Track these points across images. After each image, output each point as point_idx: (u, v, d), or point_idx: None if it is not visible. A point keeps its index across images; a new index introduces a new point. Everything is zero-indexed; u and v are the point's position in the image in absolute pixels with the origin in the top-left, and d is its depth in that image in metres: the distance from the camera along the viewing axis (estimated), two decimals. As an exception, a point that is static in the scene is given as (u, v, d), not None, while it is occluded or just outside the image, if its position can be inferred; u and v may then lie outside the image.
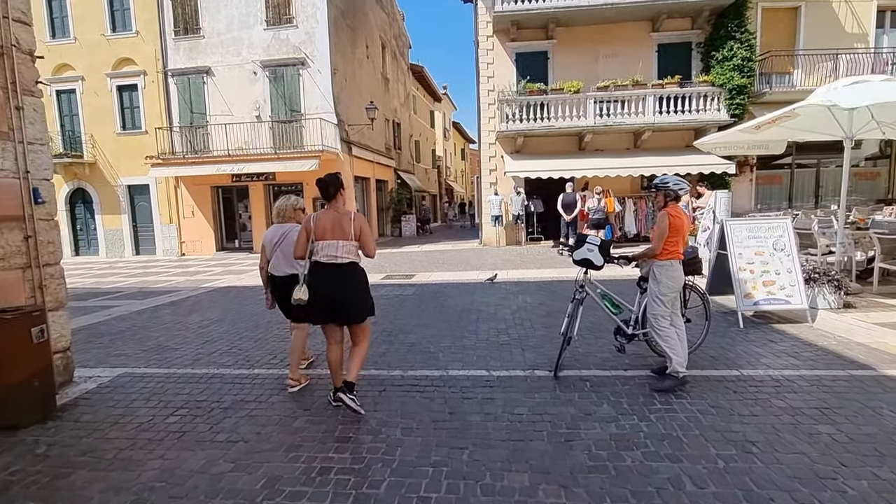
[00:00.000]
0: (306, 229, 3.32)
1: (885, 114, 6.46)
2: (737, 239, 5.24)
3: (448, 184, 38.36)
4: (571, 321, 3.97)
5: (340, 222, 3.30)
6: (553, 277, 8.71)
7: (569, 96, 13.16)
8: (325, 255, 3.28)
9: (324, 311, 3.29)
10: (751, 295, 5.09)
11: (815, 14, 13.60)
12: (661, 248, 3.54)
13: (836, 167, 14.68)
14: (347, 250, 3.29)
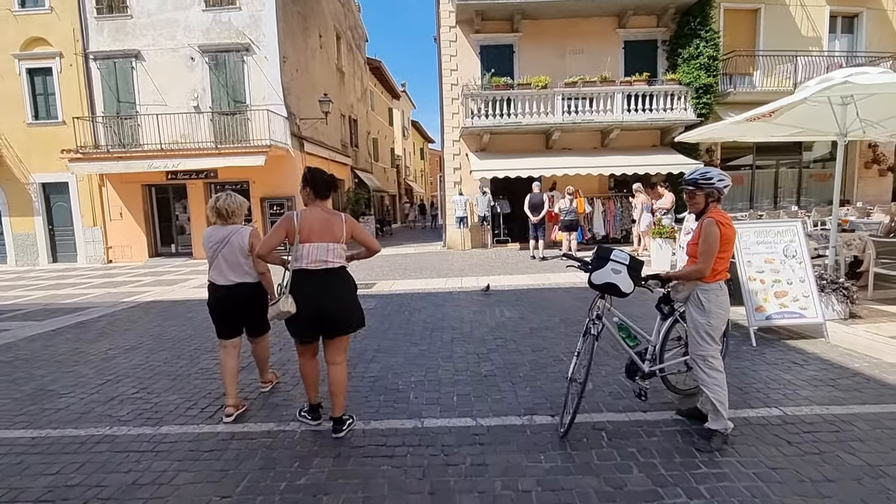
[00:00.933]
0: (287, 228, 2.88)
1: (872, 111, 6.13)
2: (744, 244, 4.63)
3: (408, 184, 37.34)
4: (585, 364, 2.94)
5: (331, 223, 2.94)
6: (528, 285, 7.96)
7: (536, 92, 12.54)
8: (314, 261, 2.89)
9: (312, 326, 2.93)
10: (762, 308, 4.49)
11: (773, 17, 13.67)
12: (710, 267, 2.73)
13: (792, 168, 14.91)
14: (338, 254, 2.96)
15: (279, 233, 2.89)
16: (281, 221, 2.92)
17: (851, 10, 13.94)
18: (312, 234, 2.88)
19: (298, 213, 2.90)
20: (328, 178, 3.07)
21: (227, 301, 3.37)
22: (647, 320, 3.66)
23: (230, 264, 3.36)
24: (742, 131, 7.42)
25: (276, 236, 2.89)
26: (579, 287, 7.60)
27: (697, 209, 2.84)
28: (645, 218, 10.54)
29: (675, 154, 13.04)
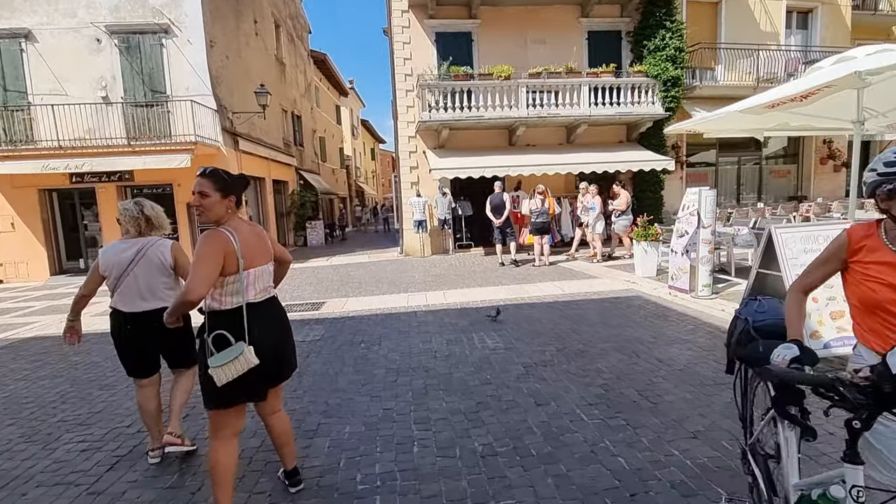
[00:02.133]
0: (227, 252, 2.11)
1: (878, 100, 5.49)
2: (790, 253, 3.71)
3: (359, 185, 35.61)
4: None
5: (262, 238, 2.36)
6: (505, 300, 6.84)
7: (498, 83, 11.52)
8: (261, 289, 2.30)
9: (267, 379, 2.29)
10: (818, 334, 3.57)
11: (733, 10, 13.40)
12: None
13: (754, 165, 14.78)
14: (271, 277, 2.40)
15: (216, 259, 2.09)
16: (212, 245, 2.10)
17: (807, 6, 13.93)
18: (255, 256, 2.26)
19: (231, 231, 2.17)
20: (244, 179, 2.38)
21: (139, 333, 2.82)
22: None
23: (145, 286, 2.81)
24: (740, 123, 6.66)
25: (213, 265, 2.08)
26: (564, 302, 6.57)
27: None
28: (599, 220, 9.78)
29: (642, 150, 12.44)
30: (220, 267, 2.10)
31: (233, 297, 2.18)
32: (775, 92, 4.81)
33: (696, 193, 6.33)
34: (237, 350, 2.12)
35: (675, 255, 6.73)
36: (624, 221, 9.90)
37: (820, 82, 4.08)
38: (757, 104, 5.01)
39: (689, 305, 5.92)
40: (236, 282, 2.16)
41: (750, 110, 5.10)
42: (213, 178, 2.20)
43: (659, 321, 5.34)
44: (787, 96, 4.48)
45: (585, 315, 5.79)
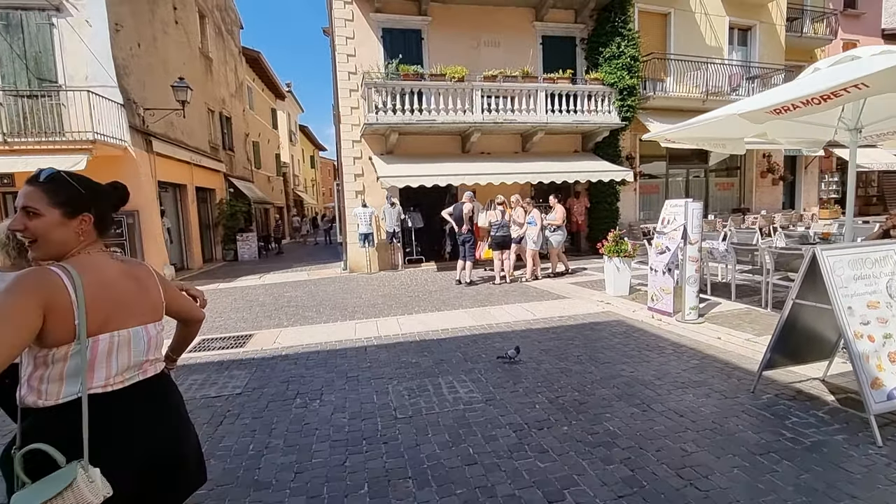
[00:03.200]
0: (50, 305, 1.25)
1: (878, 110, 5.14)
2: (840, 282, 3.01)
3: (297, 194, 33.57)
4: None
5: (142, 285, 1.49)
6: (470, 329, 5.87)
7: (451, 84, 10.67)
8: (126, 368, 1.41)
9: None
10: (879, 382, 2.88)
11: (681, 23, 13.49)
12: None
13: (696, 178, 14.94)
14: (159, 343, 1.53)
15: (23, 318, 1.21)
16: (20, 293, 1.23)
17: (747, 23, 14.33)
18: (118, 313, 1.39)
19: (70, 271, 1.30)
20: (118, 190, 1.53)
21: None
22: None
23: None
24: (722, 132, 6.16)
25: (11, 327, 1.18)
26: (539, 330, 5.70)
27: None
28: (538, 235, 8.98)
29: (599, 160, 12.06)
30: (32, 330, 1.23)
31: (64, 382, 1.30)
32: (783, 94, 4.21)
33: (679, 206, 5.72)
34: (64, 478, 1.21)
35: (656, 274, 6.09)
36: (559, 237, 9.29)
37: (846, 80, 3.48)
38: (760, 107, 4.40)
39: (679, 332, 5.24)
40: (71, 357, 1.30)
41: (752, 115, 4.49)
42: (50, 186, 1.36)
43: (654, 354, 4.58)
44: (803, 97, 3.87)
45: (567, 347, 4.94)
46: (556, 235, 9.31)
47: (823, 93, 3.64)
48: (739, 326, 5.33)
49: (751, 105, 4.53)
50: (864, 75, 3.38)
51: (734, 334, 5.02)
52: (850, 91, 3.55)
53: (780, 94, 4.24)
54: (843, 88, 3.55)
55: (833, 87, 3.60)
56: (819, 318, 3.42)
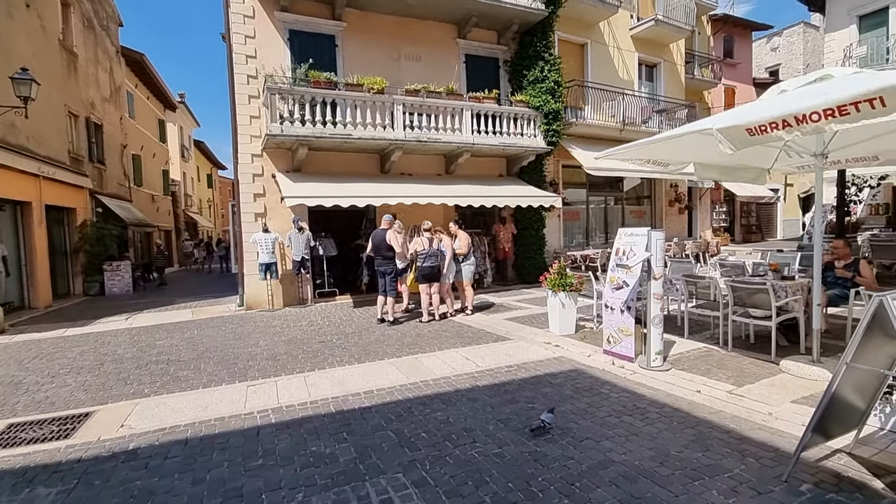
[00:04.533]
0: None
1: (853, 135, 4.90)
2: None
3: (190, 216, 29.88)
4: None
5: None
6: (403, 388, 4.61)
7: (370, 97, 9.53)
8: None
9: None
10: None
11: (597, 55, 13.75)
12: None
13: (615, 205, 15.18)
14: None
15: None
16: None
17: (652, 60, 15.04)
18: None
19: None
20: None
21: None
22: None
23: None
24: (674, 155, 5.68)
25: None
26: (487, 387, 4.60)
27: None
28: (452, 267, 8.01)
29: (525, 185, 11.56)
30: None
31: None
32: (773, 109, 3.63)
33: (639, 235, 5.03)
34: None
35: (613, 313, 5.33)
36: (470, 268, 8.27)
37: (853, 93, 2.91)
38: (736, 124, 3.80)
39: (651, 385, 4.44)
40: None
41: (729, 131, 3.89)
42: None
43: (638, 421, 3.68)
44: (800, 112, 3.29)
45: (530, 415, 3.88)
46: (467, 266, 8.23)
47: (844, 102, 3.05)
48: (710, 373, 4.68)
49: (732, 120, 3.94)
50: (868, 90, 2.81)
51: (712, 385, 4.33)
52: (860, 108, 2.99)
53: (769, 110, 3.67)
54: (853, 103, 2.99)
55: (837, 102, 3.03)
56: (859, 382, 2.71)
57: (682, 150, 5.64)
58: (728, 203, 21.67)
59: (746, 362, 4.96)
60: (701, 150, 5.74)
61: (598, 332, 6.25)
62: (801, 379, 4.35)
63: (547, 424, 3.49)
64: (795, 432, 3.33)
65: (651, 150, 5.46)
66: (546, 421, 3.50)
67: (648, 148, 5.27)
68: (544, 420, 3.51)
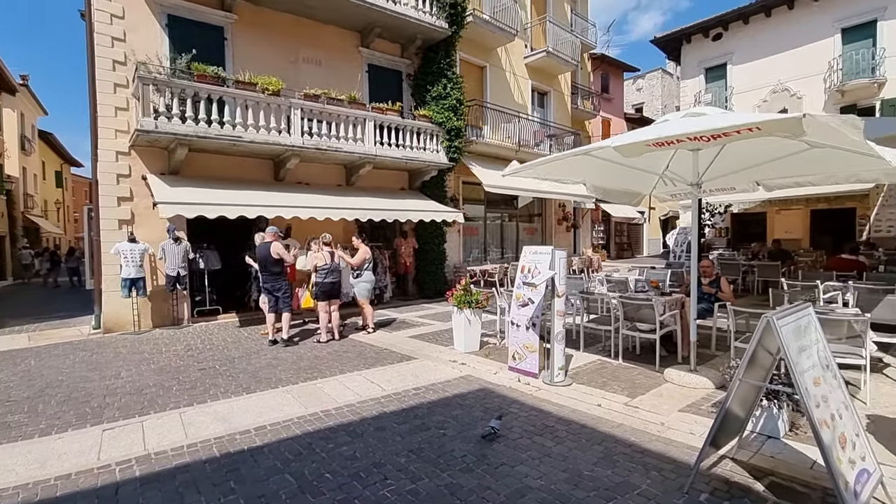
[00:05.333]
0: None
1: (683, 167, 5.56)
2: (793, 355, 2.53)
3: (30, 219, 25.11)
4: None
5: None
6: (301, 420, 4.14)
7: (265, 98, 8.79)
8: None
9: None
10: (845, 480, 2.41)
11: (495, 78, 14.36)
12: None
13: (510, 222, 15.88)
14: None
15: None
16: None
17: (544, 88, 16.15)
18: None
19: None
20: None
21: None
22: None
23: None
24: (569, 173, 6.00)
25: None
26: (394, 413, 4.33)
27: None
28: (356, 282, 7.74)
29: (427, 199, 11.56)
30: None
31: None
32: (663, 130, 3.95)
33: (544, 254, 5.19)
34: None
35: (518, 330, 5.42)
36: (365, 284, 7.84)
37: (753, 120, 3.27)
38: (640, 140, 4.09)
39: (556, 401, 4.54)
40: None
41: (629, 147, 4.16)
42: None
43: (548, 441, 3.69)
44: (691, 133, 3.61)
45: (442, 442, 3.71)
46: (362, 283, 7.80)
47: (717, 131, 3.40)
48: (607, 385, 4.93)
49: (628, 139, 4.22)
50: (761, 121, 3.19)
51: (610, 398, 4.54)
52: (742, 132, 3.36)
53: (661, 131, 3.99)
54: (736, 130, 3.35)
55: (726, 127, 3.38)
56: (744, 395, 2.97)
57: (580, 170, 6.00)
58: (605, 223, 24.00)
59: (636, 373, 5.33)
60: (595, 172, 6.18)
61: (502, 348, 6.34)
62: (683, 387, 4.76)
63: (496, 430, 3.70)
64: (685, 440, 3.59)
65: (555, 168, 5.71)
66: (495, 427, 3.72)
67: (554, 165, 5.50)
68: (493, 427, 3.72)
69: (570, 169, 5.98)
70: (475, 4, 12.79)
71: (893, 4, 14.48)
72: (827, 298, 6.28)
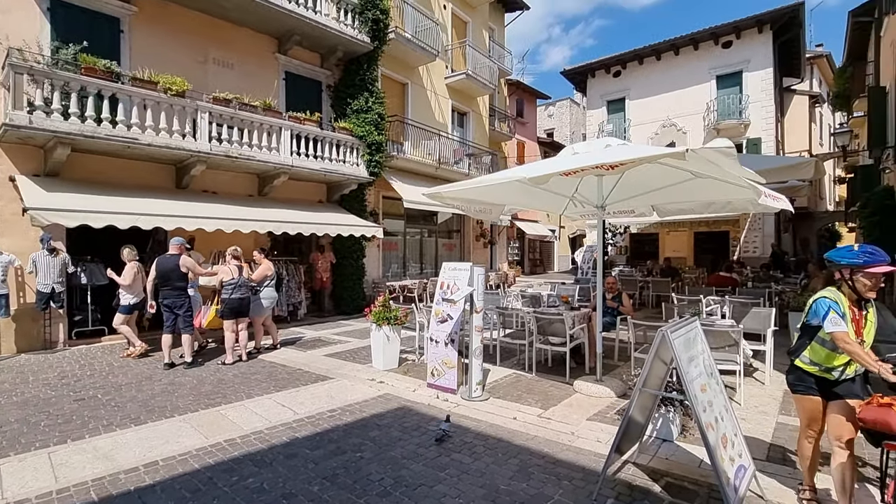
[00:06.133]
0: None
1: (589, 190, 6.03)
2: (684, 365, 2.79)
3: None
4: None
5: None
6: (201, 453, 3.76)
7: (167, 98, 8.10)
8: None
9: None
10: (727, 478, 2.68)
11: (417, 96, 14.57)
12: None
13: (430, 237, 16.04)
14: None
15: None
16: None
17: (464, 109, 16.66)
18: None
19: None
20: None
21: None
22: None
23: None
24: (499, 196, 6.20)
25: None
26: (308, 438, 4.11)
27: None
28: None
29: (346, 213, 11.30)
30: None
31: None
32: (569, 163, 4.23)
33: (463, 270, 5.28)
34: None
35: (437, 346, 5.43)
36: (263, 302, 7.36)
37: (641, 155, 3.61)
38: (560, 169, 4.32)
39: (474, 416, 4.58)
40: None
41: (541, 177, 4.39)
42: None
43: (466, 457, 3.70)
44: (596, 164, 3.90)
45: (359, 465, 3.57)
46: (262, 300, 7.35)
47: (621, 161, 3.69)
48: (522, 398, 5.09)
49: (538, 170, 4.46)
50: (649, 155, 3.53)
51: (525, 411, 4.69)
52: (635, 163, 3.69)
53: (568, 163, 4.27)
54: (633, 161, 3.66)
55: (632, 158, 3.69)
56: (644, 403, 3.21)
57: (500, 194, 6.23)
58: (520, 240, 25.11)
59: (548, 385, 5.57)
60: (514, 196, 6.45)
61: (421, 365, 6.30)
62: (590, 397, 5.05)
63: (446, 432, 4.06)
64: (593, 448, 3.79)
65: (477, 192, 5.86)
66: (445, 430, 4.08)
67: (473, 190, 5.65)
68: (444, 429, 4.08)
69: (492, 193, 6.18)
70: (398, 22, 12.94)
71: (755, 59, 17.03)
72: (709, 311, 7.06)
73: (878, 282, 2.58)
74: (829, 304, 2.59)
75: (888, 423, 2.21)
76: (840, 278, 2.66)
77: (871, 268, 2.53)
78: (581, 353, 6.26)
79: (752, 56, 17.08)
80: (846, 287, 2.63)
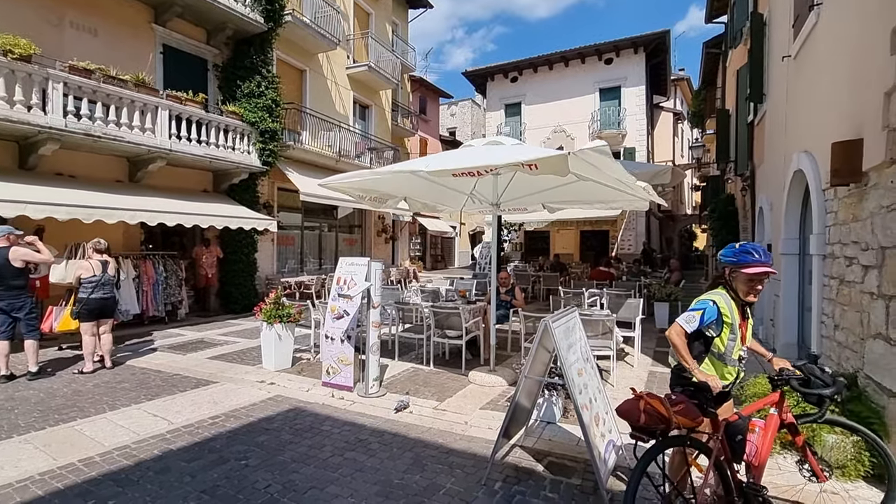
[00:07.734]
0: None
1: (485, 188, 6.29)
2: (563, 352, 3.01)
3: None
4: None
5: None
6: (47, 478, 3.23)
7: (7, 62, 6.81)
8: None
9: None
10: (598, 452, 2.95)
11: (316, 85, 13.97)
12: None
13: (330, 232, 15.53)
14: None
15: None
16: None
17: (366, 102, 16.34)
18: None
19: None
20: None
21: None
22: None
23: None
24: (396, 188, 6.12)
25: None
26: (186, 449, 3.74)
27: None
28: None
29: (236, 205, 10.47)
30: None
31: None
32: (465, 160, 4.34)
33: (360, 265, 5.17)
34: None
35: (333, 343, 5.27)
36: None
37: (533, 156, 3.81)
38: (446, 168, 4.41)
39: (371, 413, 4.52)
40: None
41: (439, 172, 4.45)
42: None
43: (362, 455, 3.64)
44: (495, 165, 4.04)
45: (244, 474, 3.33)
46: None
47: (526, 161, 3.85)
48: (418, 392, 5.14)
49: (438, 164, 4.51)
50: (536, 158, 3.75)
51: (421, 403, 4.74)
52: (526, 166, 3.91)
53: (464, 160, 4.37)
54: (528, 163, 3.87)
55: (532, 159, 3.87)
56: (529, 389, 3.42)
57: (400, 186, 6.19)
58: (422, 236, 25.34)
59: (445, 378, 5.69)
60: (414, 189, 6.46)
61: (317, 364, 6.08)
62: (484, 387, 5.26)
63: (404, 403, 4.53)
64: (485, 436, 3.95)
65: (374, 182, 5.77)
66: (403, 401, 4.56)
67: (372, 180, 5.55)
68: (402, 401, 4.56)
69: (391, 185, 6.12)
70: (295, 5, 12.27)
71: (631, 76, 19.01)
72: (589, 302, 7.74)
73: (755, 285, 2.41)
74: (703, 304, 2.48)
75: (634, 414, 2.25)
76: (724, 279, 2.54)
77: (745, 268, 2.37)
78: (477, 346, 6.49)
79: (629, 74, 19.04)
80: (730, 289, 2.49)
